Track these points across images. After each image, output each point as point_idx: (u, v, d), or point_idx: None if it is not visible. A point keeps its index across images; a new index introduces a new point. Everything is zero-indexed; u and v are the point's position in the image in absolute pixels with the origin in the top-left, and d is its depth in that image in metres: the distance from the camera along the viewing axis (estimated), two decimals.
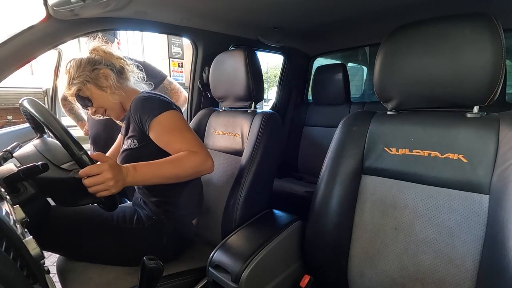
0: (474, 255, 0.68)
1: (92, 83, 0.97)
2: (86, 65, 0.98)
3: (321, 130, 2.00)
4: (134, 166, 0.81)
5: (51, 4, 0.89)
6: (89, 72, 0.97)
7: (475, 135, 0.71)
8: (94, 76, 0.98)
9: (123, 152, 0.99)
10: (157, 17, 1.17)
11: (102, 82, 0.98)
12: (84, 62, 0.98)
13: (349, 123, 0.92)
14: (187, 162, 0.85)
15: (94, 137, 1.77)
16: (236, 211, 1.03)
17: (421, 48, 0.75)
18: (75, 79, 0.96)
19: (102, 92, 0.99)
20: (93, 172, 0.71)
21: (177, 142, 0.89)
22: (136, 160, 0.90)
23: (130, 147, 0.97)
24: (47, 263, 1.87)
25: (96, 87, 0.98)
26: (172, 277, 0.95)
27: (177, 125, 0.91)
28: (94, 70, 0.98)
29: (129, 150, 0.97)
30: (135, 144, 0.96)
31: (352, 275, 0.86)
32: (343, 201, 0.87)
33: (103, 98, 0.99)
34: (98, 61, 0.99)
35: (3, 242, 0.39)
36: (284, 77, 2.13)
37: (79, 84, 0.96)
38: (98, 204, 0.83)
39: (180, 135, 0.90)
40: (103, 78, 0.99)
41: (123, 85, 1.03)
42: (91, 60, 0.99)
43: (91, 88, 0.98)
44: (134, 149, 0.96)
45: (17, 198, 0.67)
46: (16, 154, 0.80)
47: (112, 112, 1.04)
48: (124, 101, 1.03)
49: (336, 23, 1.39)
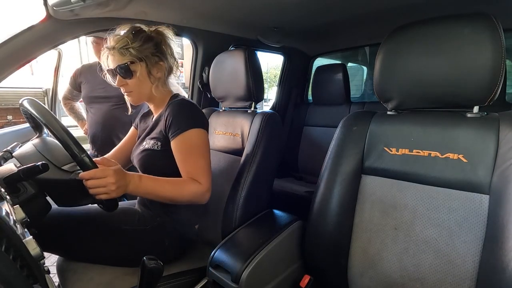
0: (474, 255, 0.68)
1: (145, 65, 0.93)
2: (151, 45, 0.93)
3: (321, 130, 2.00)
4: (140, 177, 0.82)
5: (51, 4, 0.89)
6: (150, 53, 0.93)
7: (475, 135, 0.71)
8: (152, 61, 0.94)
9: (143, 151, 0.98)
10: (157, 17, 1.17)
11: (154, 71, 0.95)
12: (151, 41, 0.94)
13: (349, 123, 0.92)
14: (187, 190, 0.86)
15: (93, 137, 1.78)
16: (236, 211, 1.03)
17: (421, 48, 0.75)
18: (135, 50, 0.90)
19: (147, 78, 0.95)
20: (97, 176, 0.72)
21: (188, 165, 0.89)
22: (156, 161, 0.92)
23: (153, 148, 0.96)
24: (47, 263, 1.87)
25: (146, 71, 0.93)
26: (172, 277, 0.95)
27: (195, 147, 0.91)
28: (154, 55, 0.94)
29: (150, 151, 0.97)
30: (158, 147, 0.96)
31: (352, 275, 0.86)
32: (343, 201, 0.87)
33: (143, 83, 0.95)
34: (161, 51, 0.96)
35: (3, 242, 0.39)
36: (284, 77, 2.13)
37: (136, 57, 0.90)
38: (98, 204, 0.83)
39: (194, 159, 0.90)
40: (157, 68, 0.96)
41: (164, 82, 1.01)
42: (157, 44, 0.95)
43: (142, 68, 0.92)
44: (156, 151, 0.96)
45: (17, 198, 0.67)
46: (16, 154, 0.80)
47: (136, 97, 0.99)
48: (154, 95, 0.99)
49: (336, 23, 1.39)
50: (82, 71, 1.78)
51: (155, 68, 0.95)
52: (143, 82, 0.95)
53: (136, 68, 0.92)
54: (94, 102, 1.73)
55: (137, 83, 0.94)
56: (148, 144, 0.98)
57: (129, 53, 0.90)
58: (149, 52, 0.92)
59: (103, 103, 1.70)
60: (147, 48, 0.92)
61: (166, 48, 0.98)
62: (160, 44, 0.96)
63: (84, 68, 1.79)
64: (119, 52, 0.90)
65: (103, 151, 1.62)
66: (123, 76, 0.93)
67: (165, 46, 0.98)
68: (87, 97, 1.75)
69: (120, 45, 0.90)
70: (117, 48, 0.90)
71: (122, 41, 0.90)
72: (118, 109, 1.68)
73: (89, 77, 1.74)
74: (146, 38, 0.93)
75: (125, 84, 0.94)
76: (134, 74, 0.92)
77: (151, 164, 0.96)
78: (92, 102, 1.74)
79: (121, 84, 0.94)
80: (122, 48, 0.89)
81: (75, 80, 1.79)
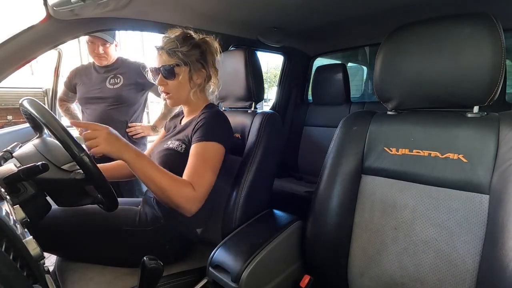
0: (474, 255, 0.68)
1: (188, 69, 0.97)
2: (197, 52, 0.98)
3: (321, 130, 2.00)
4: (137, 154, 0.81)
5: (51, 4, 0.89)
6: (195, 59, 0.97)
7: (475, 135, 0.71)
8: (195, 67, 0.98)
9: (166, 149, 0.99)
10: (157, 17, 1.17)
11: (195, 76, 0.99)
12: (198, 48, 0.98)
13: (349, 123, 0.92)
14: (180, 191, 0.83)
15: None
16: (236, 211, 1.03)
17: (421, 48, 0.75)
18: (182, 53, 0.94)
19: (187, 83, 0.99)
20: (92, 128, 0.79)
21: (195, 171, 0.88)
22: (176, 163, 0.92)
23: (176, 149, 0.97)
24: (47, 263, 1.87)
25: (188, 75, 0.98)
26: (172, 277, 0.95)
27: (210, 159, 0.90)
28: (198, 62, 0.98)
29: (173, 151, 0.97)
30: (181, 149, 0.96)
31: (352, 275, 0.86)
32: (343, 201, 0.86)
33: (183, 87, 0.99)
34: (205, 59, 1.00)
35: (3, 242, 0.39)
36: (284, 77, 2.13)
37: (181, 60, 0.94)
38: (98, 204, 0.83)
39: (203, 169, 0.89)
40: (198, 74, 1.00)
41: (203, 89, 1.05)
42: (202, 52, 0.99)
43: (185, 72, 0.97)
44: (179, 153, 0.96)
45: (17, 198, 0.67)
46: (16, 154, 0.80)
47: (174, 100, 1.02)
48: (191, 100, 1.03)
49: (336, 23, 1.39)
50: (77, 73, 1.77)
51: (197, 74, 0.99)
52: (183, 86, 0.99)
53: (180, 71, 0.96)
54: (90, 103, 1.72)
55: (177, 85, 0.98)
56: (173, 144, 0.99)
57: (176, 56, 0.94)
58: (194, 58, 0.97)
59: (98, 104, 1.69)
60: (193, 54, 0.96)
61: (210, 57, 1.02)
62: (205, 52, 1.00)
63: (79, 69, 1.79)
64: (167, 53, 0.94)
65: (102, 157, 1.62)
66: (165, 76, 0.97)
67: (209, 55, 1.02)
68: (82, 98, 1.74)
69: (169, 47, 0.94)
70: (166, 49, 0.94)
71: (171, 43, 0.95)
72: (113, 109, 1.68)
73: (84, 79, 1.74)
74: (194, 45, 0.97)
75: (165, 84, 0.98)
76: (176, 76, 0.96)
77: (170, 164, 0.94)
78: (87, 103, 1.73)
79: (161, 84, 0.98)
80: (171, 50, 0.94)
81: (70, 81, 1.78)
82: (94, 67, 1.75)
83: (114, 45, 1.67)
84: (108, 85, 1.69)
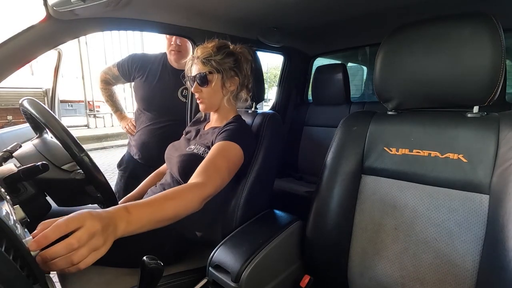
0: (474, 255, 0.68)
1: (221, 76, 1.00)
2: (231, 60, 1.01)
3: (321, 130, 2.00)
4: (126, 208, 0.61)
5: (51, 4, 0.89)
6: (228, 67, 1.00)
7: (475, 135, 0.71)
8: (228, 74, 1.01)
9: (190, 154, 0.99)
10: (157, 17, 1.17)
11: (228, 83, 1.02)
12: (232, 56, 1.01)
13: (349, 123, 0.92)
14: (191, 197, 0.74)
15: (142, 144, 1.52)
16: (236, 211, 1.03)
17: (421, 48, 0.75)
18: (215, 62, 0.98)
19: (220, 89, 1.02)
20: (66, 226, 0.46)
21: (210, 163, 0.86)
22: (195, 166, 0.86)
23: (202, 155, 0.97)
24: None
25: (221, 82, 1.01)
26: (172, 277, 0.95)
27: (228, 158, 0.90)
28: (231, 70, 1.01)
29: (198, 156, 0.97)
30: (206, 155, 0.95)
31: (352, 275, 0.86)
32: (343, 201, 0.86)
33: (216, 93, 1.02)
34: (239, 67, 1.03)
35: (3, 242, 0.39)
36: (284, 77, 2.12)
37: (214, 68, 0.98)
38: (98, 204, 0.83)
39: (220, 164, 0.87)
40: (231, 81, 1.03)
41: (235, 96, 1.08)
42: (236, 60, 1.02)
43: (217, 79, 1.00)
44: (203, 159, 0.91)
45: (17, 198, 0.67)
46: (16, 154, 0.80)
47: (206, 105, 1.05)
48: (222, 106, 1.06)
49: (336, 23, 1.39)
50: (144, 61, 1.41)
51: (229, 81, 1.02)
52: (216, 92, 1.02)
53: (212, 79, 1.00)
54: (156, 111, 1.42)
55: (211, 92, 1.01)
56: (197, 150, 1.00)
57: (209, 64, 0.98)
58: (227, 66, 1.00)
59: (166, 115, 1.43)
60: (227, 62, 1.00)
61: (244, 65, 1.05)
62: (240, 61, 1.04)
63: (148, 58, 1.41)
64: (201, 62, 0.99)
65: (150, 160, 1.45)
66: (199, 84, 1.01)
67: (244, 63, 1.05)
68: (146, 99, 1.41)
69: (203, 56, 0.98)
70: (201, 58, 0.99)
71: (206, 53, 0.99)
72: (182, 125, 1.33)
73: (152, 74, 1.43)
74: (228, 53, 1.01)
75: (199, 91, 1.02)
76: (209, 83, 1.00)
77: (194, 169, 0.88)
78: (153, 110, 1.42)
79: (196, 91, 1.02)
80: (205, 58, 0.98)
81: (129, 67, 1.45)
82: (166, 65, 1.45)
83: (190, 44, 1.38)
84: (180, 96, 1.44)
